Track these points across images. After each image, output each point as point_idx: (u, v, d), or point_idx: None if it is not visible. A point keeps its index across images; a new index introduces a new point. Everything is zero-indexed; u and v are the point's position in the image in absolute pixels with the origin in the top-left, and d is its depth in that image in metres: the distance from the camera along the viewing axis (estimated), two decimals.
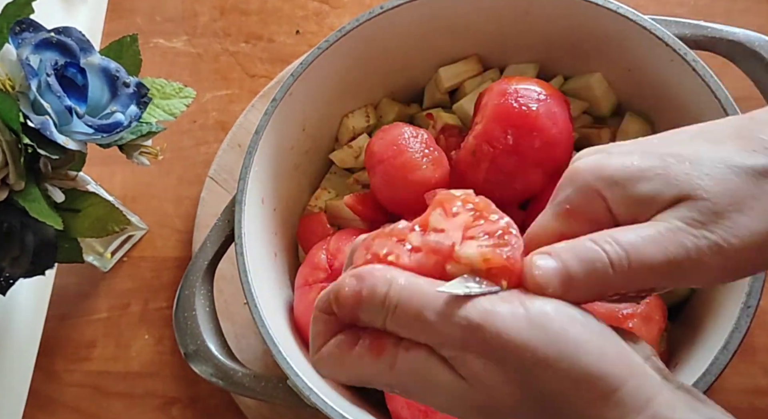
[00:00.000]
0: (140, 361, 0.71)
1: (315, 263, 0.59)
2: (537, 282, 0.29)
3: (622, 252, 0.29)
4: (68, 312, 0.74)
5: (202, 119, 0.80)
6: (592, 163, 0.32)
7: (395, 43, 0.63)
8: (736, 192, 0.29)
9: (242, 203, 0.57)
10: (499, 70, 0.68)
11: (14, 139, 0.51)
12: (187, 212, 0.76)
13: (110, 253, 0.74)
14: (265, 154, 0.59)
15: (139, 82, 0.56)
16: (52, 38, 0.52)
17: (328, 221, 0.65)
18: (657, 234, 0.29)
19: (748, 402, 0.61)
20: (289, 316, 0.60)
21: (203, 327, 0.56)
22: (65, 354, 0.72)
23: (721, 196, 0.29)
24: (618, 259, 0.29)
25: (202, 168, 0.77)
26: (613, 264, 0.29)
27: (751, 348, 0.62)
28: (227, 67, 0.82)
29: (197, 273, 0.58)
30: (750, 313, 0.47)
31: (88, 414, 0.70)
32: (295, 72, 0.60)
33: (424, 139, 0.60)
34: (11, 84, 0.51)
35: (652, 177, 0.30)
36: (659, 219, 0.30)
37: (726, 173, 0.30)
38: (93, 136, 0.53)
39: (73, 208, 0.58)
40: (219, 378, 0.55)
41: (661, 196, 0.30)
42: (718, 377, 0.47)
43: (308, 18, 0.83)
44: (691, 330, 0.54)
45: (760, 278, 0.48)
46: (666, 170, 0.30)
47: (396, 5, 0.60)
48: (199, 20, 0.85)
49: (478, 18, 0.63)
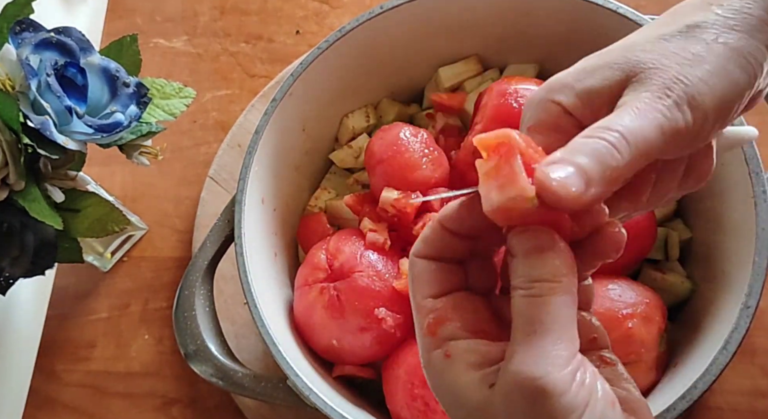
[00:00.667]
0: (140, 361, 0.71)
1: (315, 263, 0.59)
2: (559, 190, 0.28)
3: (618, 135, 0.29)
4: (68, 312, 0.74)
5: (202, 119, 0.80)
6: (542, 85, 0.34)
7: (395, 43, 0.63)
8: (673, 52, 0.31)
9: (242, 203, 0.57)
10: (499, 70, 0.68)
11: (14, 138, 0.51)
12: (187, 212, 0.76)
13: (110, 253, 0.74)
14: (265, 154, 0.59)
15: (138, 82, 0.56)
16: (52, 38, 0.52)
17: (327, 221, 0.65)
18: (635, 111, 0.30)
19: (748, 403, 0.61)
20: (289, 316, 0.60)
21: (203, 327, 0.56)
22: (65, 354, 0.72)
23: (662, 61, 0.31)
24: (618, 143, 0.29)
25: (202, 168, 0.77)
26: (618, 148, 0.29)
27: (750, 349, 0.62)
28: (227, 67, 0.82)
29: (197, 273, 0.58)
30: (749, 314, 0.47)
31: (88, 414, 0.70)
32: (295, 72, 0.60)
33: (424, 138, 0.60)
34: (11, 84, 0.51)
35: (595, 69, 0.32)
36: (625, 103, 0.31)
37: (658, 42, 0.32)
38: (93, 136, 0.53)
39: (72, 208, 0.58)
40: (219, 379, 0.55)
41: (610, 81, 0.32)
42: (718, 377, 0.47)
43: (308, 18, 0.83)
44: (690, 331, 0.54)
45: (760, 279, 0.48)
46: (605, 60, 0.32)
47: (396, 5, 0.60)
48: (199, 20, 0.85)
49: (478, 18, 0.63)
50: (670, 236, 0.60)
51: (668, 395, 0.48)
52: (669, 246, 0.60)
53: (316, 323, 0.57)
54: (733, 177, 0.52)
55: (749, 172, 0.50)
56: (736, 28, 0.31)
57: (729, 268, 0.53)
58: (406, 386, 0.54)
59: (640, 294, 0.53)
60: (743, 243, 0.50)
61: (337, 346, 0.56)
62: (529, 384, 0.28)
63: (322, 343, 0.57)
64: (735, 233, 0.53)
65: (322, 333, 0.57)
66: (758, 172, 0.50)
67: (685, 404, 0.47)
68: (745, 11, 0.32)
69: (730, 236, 0.54)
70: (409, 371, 0.54)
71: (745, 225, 0.50)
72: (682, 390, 0.47)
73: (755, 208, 0.50)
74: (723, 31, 0.31)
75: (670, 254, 0.60)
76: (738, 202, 0.52)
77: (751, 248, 0.49)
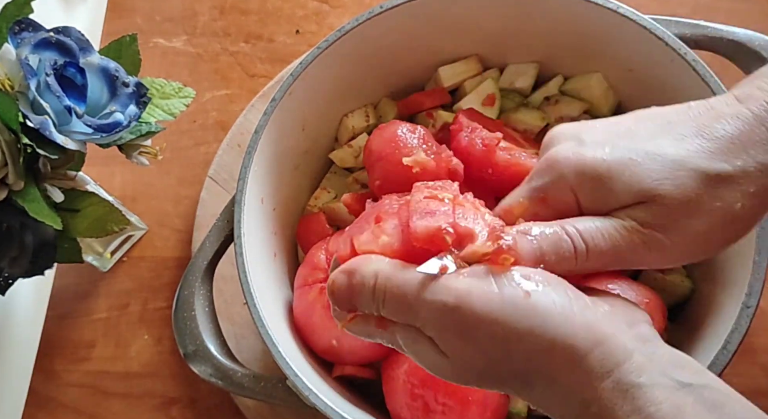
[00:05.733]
0: (140, 361, 0.71)
1: (314, 263, 0.59)
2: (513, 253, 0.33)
3: (583, 245, 0.34)
4: (68, 312, 0.74)
5: (201, 119, 0.80)
6: (569, 155, 0.36)
7: (395, 43, 0.63)
8: (691, 197, 0.33)
9: (242, 203, 0.57)
10: (499, 70, 0.68)
11: (13, 138, 0.51)
12: (187, 212, 0.76)
13: (110, 253, 0.74)
14: (264, 153, 0.59)
15: (138, 82, 0.56)
16: (52, 38, 0.52)
17: (327, 221, 0.65)
18: (613, 230, 0.34)
19: None
20: (289, 316, 0.60)
21: (202, 328, 0.56)
22: (65, 354, 0.72)
23: (676, 202, 0.33)
24: (580, 250, 0.34)
25: (201, 168, 0.77)
26: (577, 253, 0.34)
27: (750, 349, 0.62)
28: (227, 66, 0.82)
29: (196, 274, 0.58)
30: (750, 314, 0.47)
31: (88, 414, 0.70)
32: (295, 72, 0.60)
33: (422, 134, 0.60)
34: (10, 84, 0.51)
35: (620, 176, 0.34)
36: (618, 216, 0.34)
37: (684, 178, 0.33)
38: (92, 136, 0.53)
39: (72, 208, 0.58)
40: (218, 379, 0.55)
41: (625, 194, 0.34)
42: (718, 377, 0.47)
43: (308, 18, 0.83)
44: (691, 331, 0.54)
45: (760, 278, 0.48)
46: (632, 169, 0.34)
47: (396, 5, 0.60)
48: (199, 20, 0.85)
49: (478, 18, 0.63)
50: None
51: None
52: None
53: (315, 323, 0.57)
54: None
55: None
56: (756, 193, 0.33)
57: (729, 268, 0.53)
58: (406, 386, 0.54)
59: (640, 294, 0.53)
60: (743, 242, 0.50)
61: (337, 346, 0.56)
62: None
63: (322, 343, 0.57)
64: None
65: (322, 333, 0.57)
66: None
67: None
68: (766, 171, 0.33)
69: None
70: (409, 371, 0.54)
71: None
72: None
73: None
74: (742, 196, 0.33)
75: None
76: None
77: (751, 248, 0.49)
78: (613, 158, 0.34)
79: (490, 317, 0.31)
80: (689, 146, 0.33)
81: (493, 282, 0.32)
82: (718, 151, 0.33)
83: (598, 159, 0.35)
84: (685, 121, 0.35)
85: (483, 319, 0.32)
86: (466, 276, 0.33)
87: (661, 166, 0.33)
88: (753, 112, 0.33)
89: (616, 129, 0.36)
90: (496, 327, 0.31)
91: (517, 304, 0.31)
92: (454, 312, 0.32)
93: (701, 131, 0.34)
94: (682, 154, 0.33)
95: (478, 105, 0.65)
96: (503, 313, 0.31)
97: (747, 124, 0.33)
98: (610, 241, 0.34)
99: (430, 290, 0.32)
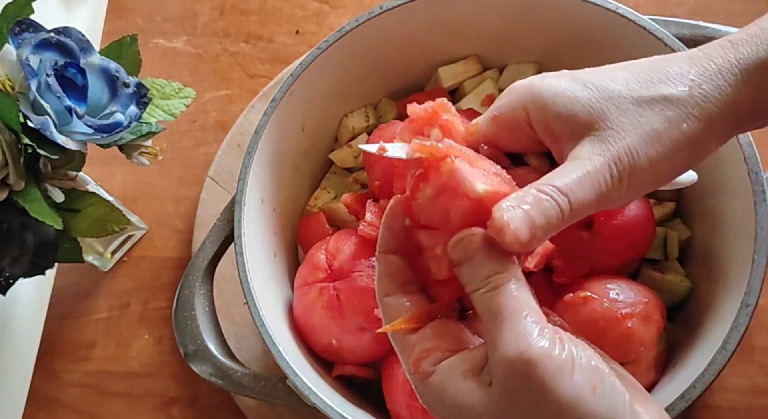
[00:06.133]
0: (140, 361, 0.71)
1: (314, 263, 0.59)
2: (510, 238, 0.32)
3: (566, 200, 0.33)
4: (68, 312, 0.74)
5: (202, 119, 0.80)
6: (527, 81, 0.38)
7: (395, 43, 0.63)
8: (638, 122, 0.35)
9: (242, 203, 0.57)
10: (499, 70, 0.68)
11: (14, 139, 0.51)
12: (187, 212, 0.76)
13: (110, 253, 0.74)
14: (264, 154, 0.59)
15: (138, 82, 0.56)
16: (52, 38, 0.52)
17: (327, 221, 0.65)
18: (584, 175, 0.34)
19: (747, 401, 0.61)
20: (289, 316, 0.60)
21: (203, 327, 0.56)
22: (65, 354, 0.73)
23: (625, 127, 0.35)
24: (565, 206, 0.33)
25: (201, 168, 0.77)
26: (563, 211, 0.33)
27: (750, 348, 0.62)
28: (227, 67, 0.82)
29: (197, 273, 0.58)
30: (749, 312, 0.48)
31: (88, 414, 0.70)
32: (295, 72, 0.60)
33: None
34: (11, 84, 0.51)
35: (574, 100, 0.36)
36: (578, 158, 0.35)
37: (631, 105, 0.35)
38: (93, 136, 0.53)
39: (72, 208, 0.58)
40: (219, 378, 0.55)
41: (575, 121, 0.35)
42: (717, 376, 0.47)
43: (308, 18, 0.83)
44: (690, 330, 0.54)
45: (759, 277, 0.48)
46: (585, 96, 0.36)
47: (396, 5, 0.60)
48: (199, 20, 0.85)
49: (478, 18, 0.63)
50: (669, 236, 0.60)
51: (667, 395, 0.48)
52: (668, 246, 0.60)
53: (315, 323, 0.57)
54: (732, 176, 0.52)
55: (748, 171, 0.51)
56: (700, 117, 0.35)
57: (728, 267, 0.53)
58: (406, 386, 0.54)
59: (639, 294, 0.53)
60: (742, 242, 0.51)
61: (337, 346, 0.56)
62: (517, 362, 0.30)
63: (322, 343, 0.57)
64: (734, 232, 0.53)
65: (322, 333, 0.57)
66: (757, 172, 0.50)
67: (684, 404, 0.47)
68: (713, 100, 0.35)
69: (730, 235, 0.54)
70: None
71: (745, 224, 0.51)
72: (681, 389, 0.47)
73: (754, 207, 0.50)
74: (687, 116, 0.35)
75: (669, 254, 0.60)
76: (737, 201, 0.52)
77: (751, 247, 0.49)
78: (568, 85, 0.36)
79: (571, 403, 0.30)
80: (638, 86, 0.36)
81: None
82: (658, 81, 0.36)
83: (554, 85, 0.37)
84: (644, 61, 0.38)
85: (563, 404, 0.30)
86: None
87: (611, 98, 0.35)
88: (704, 52, 0.36)
89: (592, 70, 0.38)
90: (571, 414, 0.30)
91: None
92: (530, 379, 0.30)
93: (653, 65, 0.37)
94: (633, 88, 0.36)
95: (478, 105, 0.65)
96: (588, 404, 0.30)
97: (696, 60, 0.36)
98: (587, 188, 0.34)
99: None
